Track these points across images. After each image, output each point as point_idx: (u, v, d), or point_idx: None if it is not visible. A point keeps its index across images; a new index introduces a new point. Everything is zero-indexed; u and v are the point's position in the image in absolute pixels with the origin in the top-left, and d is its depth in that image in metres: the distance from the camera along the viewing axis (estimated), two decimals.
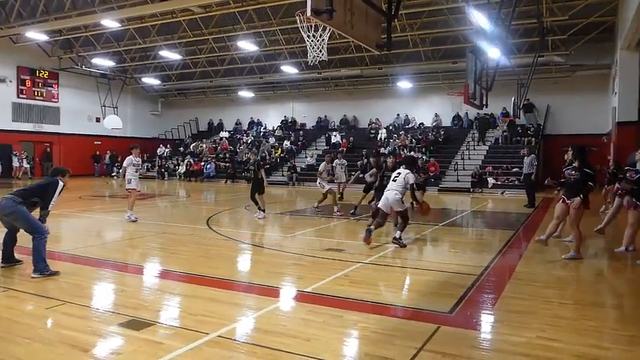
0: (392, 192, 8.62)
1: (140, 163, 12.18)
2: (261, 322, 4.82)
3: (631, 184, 7.89)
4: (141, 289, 6.07)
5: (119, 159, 30.89)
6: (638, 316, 5.26)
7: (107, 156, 32.75)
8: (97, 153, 32.64)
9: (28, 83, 29.23)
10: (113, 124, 31.31)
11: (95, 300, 5.59)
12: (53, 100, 30.70)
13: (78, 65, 29.33)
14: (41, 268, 6.19)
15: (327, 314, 4.93)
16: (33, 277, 6.10)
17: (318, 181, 13.17)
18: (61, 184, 6.55)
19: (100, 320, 4.74)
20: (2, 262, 6.62)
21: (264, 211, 12.39)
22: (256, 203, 12.52)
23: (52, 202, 6.48)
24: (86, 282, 6.18)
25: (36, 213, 6.46)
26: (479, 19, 14.25)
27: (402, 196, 8.68)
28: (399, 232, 8.61)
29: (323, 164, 13.47)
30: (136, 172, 11.73)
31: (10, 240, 6.62)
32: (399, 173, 8.75)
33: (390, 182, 8.82)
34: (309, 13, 5.16)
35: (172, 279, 6.50)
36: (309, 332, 4.44)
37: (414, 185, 8.75)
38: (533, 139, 24.30)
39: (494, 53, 13.70)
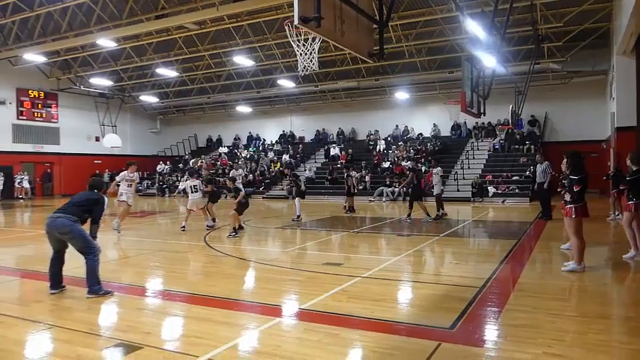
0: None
1: (136, 179, 13.19)
2: (254, 342, 4.65)
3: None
4: (132, 310, 5.85)
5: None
6: None
7: (106, 175, 32.66)
8: (97, 172, 32.51)
9: (28, 105, 29.30)
10: (112, 142, 31.36)
11: (84, 323, 5.34)
12: (53, 120, 30.74)
13: (76, 85, 29.48)
14: (96, 289, 6.19)
15: (323, 332, 4.76)
16: (88, 297, 6.12)
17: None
18: (106, 198, 6.62)
19: (84, 345, 4.55)
20: (51, 289, 6.37)
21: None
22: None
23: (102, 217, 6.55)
24: (77, 304, 5.99)
25: None
26: (473, 28, 14.21)
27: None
28: None
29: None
30: (129, 186, 12.71)
31: (59, 262, 6.46)
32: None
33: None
34: (296, 21, 5.03)
35: (166, 298, 6.33)
36: (303, 352, 4.27)
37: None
38: (532, 146, 24.18)
39: (489, 61, 13.63)
